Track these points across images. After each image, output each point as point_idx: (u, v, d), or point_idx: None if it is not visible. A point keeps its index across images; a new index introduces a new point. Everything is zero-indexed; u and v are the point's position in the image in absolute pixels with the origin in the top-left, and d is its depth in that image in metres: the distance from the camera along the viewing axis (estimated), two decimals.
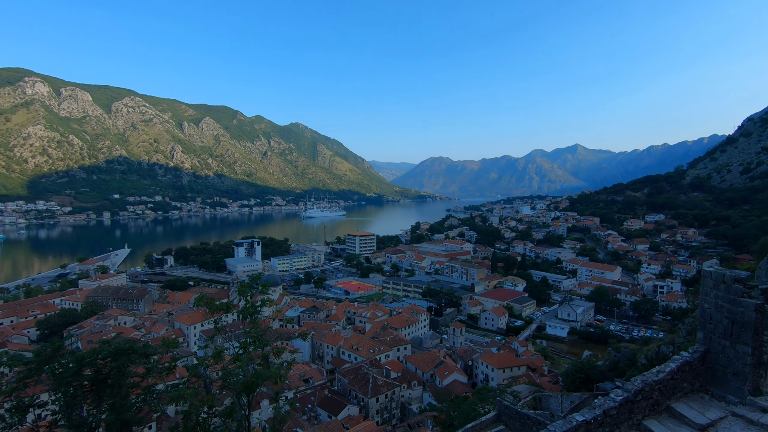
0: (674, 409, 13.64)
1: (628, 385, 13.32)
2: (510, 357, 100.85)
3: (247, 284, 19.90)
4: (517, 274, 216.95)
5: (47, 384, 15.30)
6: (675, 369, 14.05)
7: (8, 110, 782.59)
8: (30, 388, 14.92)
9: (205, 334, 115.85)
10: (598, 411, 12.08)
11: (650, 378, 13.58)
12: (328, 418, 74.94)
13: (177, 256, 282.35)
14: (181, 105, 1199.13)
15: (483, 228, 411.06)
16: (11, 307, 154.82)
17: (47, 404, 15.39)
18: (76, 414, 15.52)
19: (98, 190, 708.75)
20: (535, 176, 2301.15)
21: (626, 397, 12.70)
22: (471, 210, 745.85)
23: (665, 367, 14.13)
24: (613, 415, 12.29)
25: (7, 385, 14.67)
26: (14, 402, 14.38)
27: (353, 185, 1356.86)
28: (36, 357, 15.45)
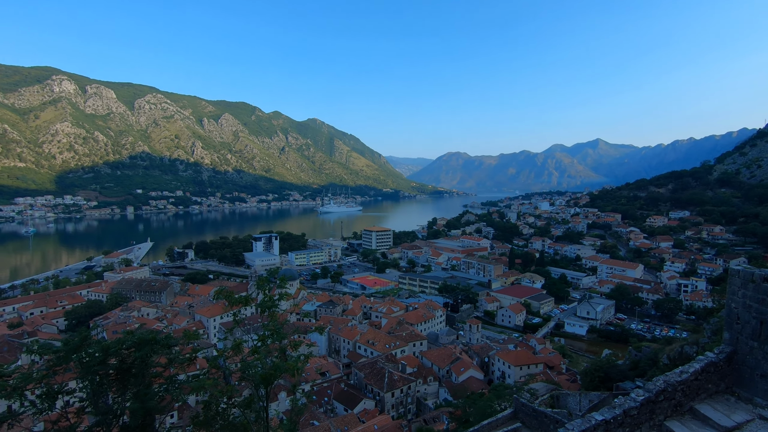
0: (698, 411, 13.29)
1: (649, 385, 13.02)
2: (527, 354, 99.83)
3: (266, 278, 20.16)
4: (535, 271, 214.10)
5: (75, 372, 15.84)
6: (699, 369, 13.67)
7: (37, 108, 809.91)
8: (59, 376, 15.47)
9: (225, 326, 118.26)
10: (618, 410, 11.85)
11: (673, 378, 13.25)
12: (345, 412, 75.68)
13: (197, 250, 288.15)
14: (201, 101, 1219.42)
15: (500, 224, 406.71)
16: (41, 297, 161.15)
17: (75, 391, 15.95)
18: (102, 401, 16.06)
19: (122, 185, 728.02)
20: (554, 172, 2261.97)
21: (647, 397, 12.42)
22: (488, 206, 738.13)
23: (689, 368, 13.76)
24: (633, 415, 12.04)
25: (38, 372, 15.24)
26: (44, 389, 14.94)
27: (370, 181, 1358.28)
28: (64, 346, 16.01)
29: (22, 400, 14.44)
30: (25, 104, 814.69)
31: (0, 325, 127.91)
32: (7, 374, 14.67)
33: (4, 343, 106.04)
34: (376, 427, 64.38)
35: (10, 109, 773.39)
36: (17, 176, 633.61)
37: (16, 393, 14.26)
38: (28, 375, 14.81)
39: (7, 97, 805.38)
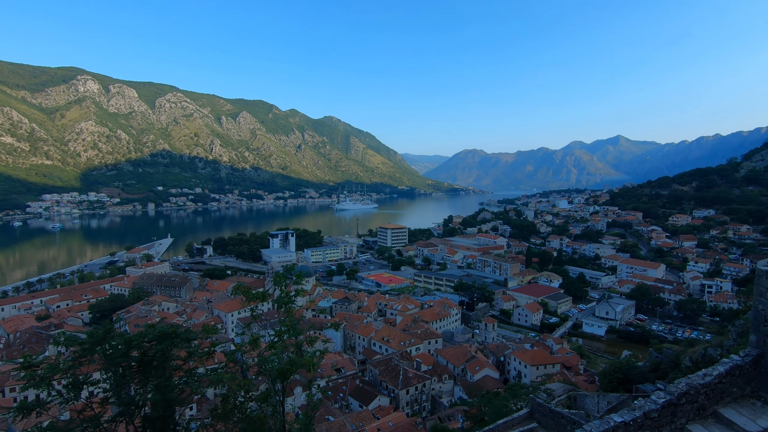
0: (722, 415, 12.93)
1: (671, 388, 12.72)
2: (544, 354, 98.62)
3: (282, 274, 20.40)
4: (553, 270, 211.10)
5: (99, 364, 16.32)
6: (724, 372, 13.29)
7: (63, 107, 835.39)
8: (84, 367, 15.96)
9: (242, 321, 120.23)
10: (638, 413, 11.61)
11: (696, 381, 12.91)
12: (359, 408, 76.16)
13: (216, 246, 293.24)
14: (219, 100, 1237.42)
15: (517, 222, 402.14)
16: (67, 291, 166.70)
17: (99, 382, 16.44)
18: (124, 393, 16.51)
19: (143, 182, 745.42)
20: (573, 169, 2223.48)
21: (669, 400, 12.14)
22: (505, 204, 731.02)
23: (713, 371, 13.39)
24: (654, 418, 11.78)
25: (64, 363, 15.75)
26: (70, 379, 15.44)
27: (385, 178, 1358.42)
28: (89, 338, 16.50)
29: (49, 389, 14.95)
30: (51, 104, 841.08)
31: (29, 317, 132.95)
32: (36, 364, 15.19)
33: (33, 335, 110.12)
34: (390, 424, 64.60)
35: (37, 108, 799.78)
36: (44, 173, 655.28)
37: (44, 382, 14.77)
38: (55, 365, 15.31)
39: (35, 96, 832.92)
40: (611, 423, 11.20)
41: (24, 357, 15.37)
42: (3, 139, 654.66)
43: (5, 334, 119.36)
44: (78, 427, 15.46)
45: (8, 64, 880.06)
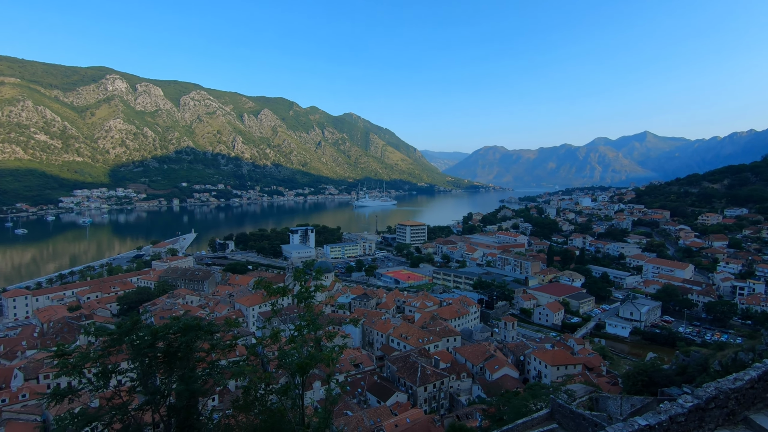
0: (753, 421, 12.45)
1: (699, 392, 12.31)
2: (565, 354, 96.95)
3: (302, 270, 20.63)
4: (575, 269, 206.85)
5: (127, 354, 16.92)
6: (756, 377, 12.78)
7: (93, 105, 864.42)
8: (113, 357, 16.57)
9: (263, 315, 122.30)
10: (664, 416, 11.28)
11: (726, 385, 12.46)
12: (377, 403, 76.53)
13: (237, 242, 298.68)
14: (241, 97, 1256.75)
15: (539, 220, 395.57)
16: (96, 283, 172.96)
17: (127, 372, 17.04)
18: (150, 382, 17.07)
19: (168, 178, 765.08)
20: (597, 166, 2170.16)
21: (697, 404, 11.75)
22: (526, 201, 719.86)
23: (744, 375, 12.89)
24: (680, 422, 11.42)
25: (94, 352, 16.38)
26: (100, 368, 16.06)
27: (404, 175, 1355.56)
28: (118, 329, 17.10)
29: (80, 377, 15.58)
30: (82, 102, 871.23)
31: (61, 308, 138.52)
32: (68, 353, 15.84)
33: (65, 325, 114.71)
34: (408, 420, 64.73)
35: (69, 107, 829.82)
36: (76, 170, 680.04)
37: (75, 370, 15.40)
38: (86, 354, 15.93)
39: (66, 96, 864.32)
40: (635, 426, 10.91)
41: (57, 346, 16.04)
42: (37, 136, 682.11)
43: (39, 323, 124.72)
44: (107, 414, 16.06)
45: (42, 65, 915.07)
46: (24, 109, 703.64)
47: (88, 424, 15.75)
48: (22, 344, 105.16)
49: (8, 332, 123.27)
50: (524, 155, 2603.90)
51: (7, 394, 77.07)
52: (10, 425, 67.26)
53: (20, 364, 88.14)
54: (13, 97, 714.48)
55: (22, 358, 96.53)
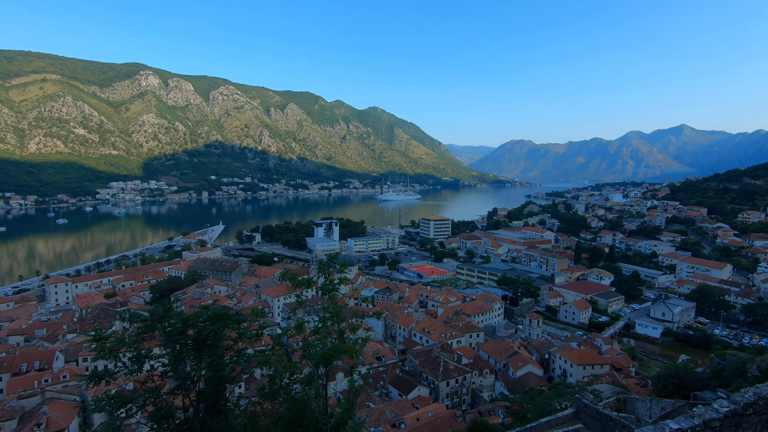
0: None
1: (735, 397, 11.79)
2: (592, 354, 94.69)
3: (326, 263, 20.88)
4: (604, 267, 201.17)
5: (159, 340, 17.60)
6: None
7: (128, 101, 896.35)
8: (146, 342, 17.28)
9: (288, 306, 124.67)
10: (697, 420, 10.86)
11: (765, 391, 11.89)
12: (399, 396, 77.00)
13: (263, 234, 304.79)
14: (268, 92, 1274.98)
15: (566, 216, 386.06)
16: (131, 272, 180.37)
17: (159, 357, 17.73)
18: (181, 368, 17.70)
19: (198, 171, 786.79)
20: (629, 161, 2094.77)
21: (733, 410, 11.26)
22: (554, 196, 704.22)
23: None
24: (715, 427, 10.97)
25: (129, 338, 17.13)
26: (134, 353, 16.78)
27: (429, 169, 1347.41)
28: (151, 316, 17.81)
29: (116, 361, 16.34)
30: (118, 97, 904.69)
31: (98, 295, 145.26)
32: (105, 338, 16.61)
33: (102, 311, 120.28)
34: (430, 415, 64.87)
35: (106, 102, 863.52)
36: (111, 163, 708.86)
37: (112, 354, 16.17)
38: (122, 339, 16.68)
39: (103, 91, 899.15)
40: (666, 429, 10.56)
41: (95, 331, 16.85)
42: (77, 131, 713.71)
43: (78, 309, 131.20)
44: (141, 397, 16.80)
45: (81, 62, 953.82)
46: (64, 105, 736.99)
47: (124, 406, 16.53)
48: (63, 328, 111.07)
49: (50, 316, 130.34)
50: (552, 149, 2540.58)
51: (49, 375, 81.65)
52: (53, 404, 71.35)
53: (61, 347, 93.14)
54: (54, 93, 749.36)
55: (63, 341, 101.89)
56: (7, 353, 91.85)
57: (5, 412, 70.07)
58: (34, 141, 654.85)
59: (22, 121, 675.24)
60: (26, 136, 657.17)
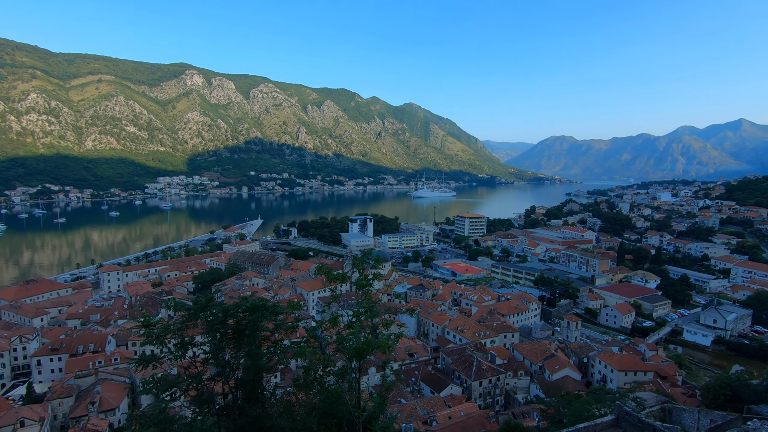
0: None
1: None
2: (634, 360, 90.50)
3: (361, 258, 21.08)
4: (649, 269, 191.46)
5: (201, 328, 18.44)
6: None
7: (174, 99, 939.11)
8: (189, 330, 18.15)
9: (322, 300, 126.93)
10: None
11: None
12: (431, 394, 76.81)
13: (300, 229, 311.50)
14: (305, 89, 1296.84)
15: (609, 215, 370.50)
16: (175, 263, 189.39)
17: (201, 345, 18.59)
18: (221, 356, 18.48)
19: (238, 167, 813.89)
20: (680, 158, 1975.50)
21: None
22: (596, 195, 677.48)
23: None
24: None
25: (174, 325, 18.04)
26: (178, 340, 17.67)
27: (464, 166, 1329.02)
28: (194, 305, 18.67)
29: (162, 346, 17.28)
30: (165, 96, 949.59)
31: (146, 284, 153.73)
32: (152, 324, 17.60)
33: (149, 299, 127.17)
34: (462, 414, 64.33)
35: (154, 101, 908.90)
36: (159, 159, 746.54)
37: (158, 340, 17.11)
38: (167, 326, 17.61)
39: (152, 90, 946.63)
40: None
41: (144, 317, 17.89)
42: (128, 128, 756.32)
43: (128, 296, 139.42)
44: (184, 382, 17.70)
45: (132, 63, 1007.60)
46: (117, 104, 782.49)
47: (169, 389, 17.48)
48: (114, 314, 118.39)
49: (104, 303, 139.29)
50: (595, 146, 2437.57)
51: (102, 357, 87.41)
52: (105, 384, 76.37)
53: (113, 332, 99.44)
54: (108, 93, 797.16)
55: (114, 326, 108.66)
56: (66, 335, 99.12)
57: (64, 390, 75.74)
58: (91, 138, 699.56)
59: (80, 119, 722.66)
60: (83, 134, 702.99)
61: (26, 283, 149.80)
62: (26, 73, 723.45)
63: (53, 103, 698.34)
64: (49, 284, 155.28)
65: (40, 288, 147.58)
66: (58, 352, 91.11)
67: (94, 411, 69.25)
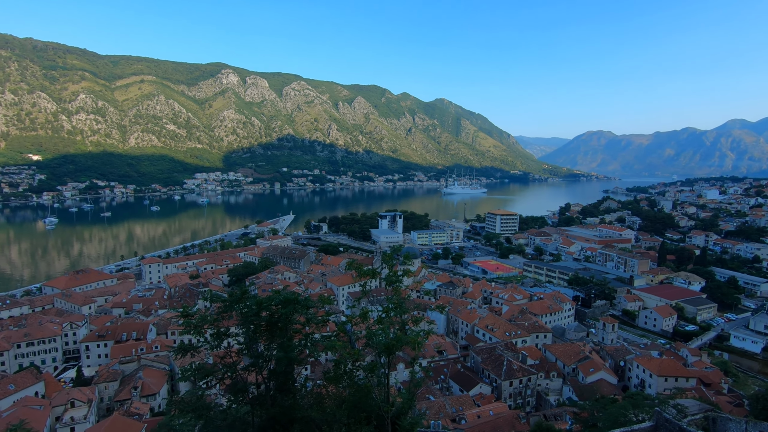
0: None
1: None
2: (675, 365, 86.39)
3: (390, 254, 21.13)
4: (693, 271, 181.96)
5: (236, 320, 19.06)
6: None
7: (210, 98, 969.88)
8: (225, 321, 18.81)
9: (352, 295, 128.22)
10: None
11: None
12: (460, 392, 76.26)
13: (330, 224, 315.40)
14: (337, 86, 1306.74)
15: (650, 214, 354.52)
16: (211, 256, 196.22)
17: (235, 336, 19.23)
18: (254, 347, 19.04)
19: (271, 163, 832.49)
20: (729, 153, 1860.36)
21: None
22: (635, 192, 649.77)
23: None
24: None
25: (210, 316, 18.74)
26: (215, 330, 18.34)
27: (496, 162, 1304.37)
28: (229, 297, 19.32)
29: (200, 336, 17.98)
30: (202, 95, 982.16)
31: (184, 276, 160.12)
32: (191, 314, 18.35)
33: (187, 290, 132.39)
34: (491, 413, 63.56)
35: (192, 100, 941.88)
36: (196, 155, 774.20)
37: (196, 330, 17.81)
38: (205, 317, 18.32)
39: (190, 90, 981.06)
40: None
41: (183, 308, 18.68)
42: (168, 126, 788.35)
43: (168, 287, 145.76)
44: (220, 371, 18.37)
45: (172, 63, 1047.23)
46: (158, 103, 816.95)
47: (206, 377, 18.18)
48: (155, 304, 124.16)
49: (145, 293, 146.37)
50: (635, 141, 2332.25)
51: (144, 344, 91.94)
52: (147, 370, 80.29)
53: (154, 321, 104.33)
54: (150, 92, 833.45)
55: (155, 315, 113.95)
56: (111, 323, 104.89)
57: (110, 374, 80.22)
58: (134, 136, 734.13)
59: (124, 118, 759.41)
60: (127, 132, 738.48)
61: (76, 273, 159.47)
62: (76, 75, 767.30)
63: (100, 103, 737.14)
64: (96, 274, 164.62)
65: (89, 278, 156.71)
66: (105, 339, 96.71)
67: (136, 395, 73.07)
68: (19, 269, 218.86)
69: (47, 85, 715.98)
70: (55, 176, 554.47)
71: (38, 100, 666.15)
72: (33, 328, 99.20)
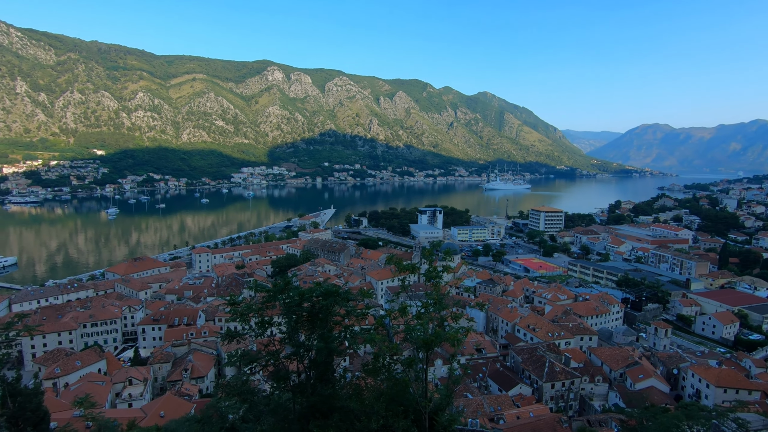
0: None
1: None
2: (737, 375, 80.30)
3: (430, 250, 20.99)
4: (760, 275, 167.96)
5: (279, 309, 19.68)
6: None
7: (257, 94, 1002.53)
8: (269, 310, 19.47)
9: (391, 290, 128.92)
10: None
11: None
12: (499, 392, 74.93)
13: (370, 219, 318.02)
14: (378, 81, 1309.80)
15: (711, 213, 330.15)
16: (256, 248, 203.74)
17: (278, 325, 19.88)
18: (296, 337, 19.59)
19: (313, 158, 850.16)
20: None
21: None
22: (694, 189, 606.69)
23: None
24: None
25: (255, 305, 19.47)
26: (259, 318, 19.05)
27: (541, 157, 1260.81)
28: (273, 287, 19.96)
29: (245, 323, 18.75)
30: (249, 92, 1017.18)
31: (230, 266, 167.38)
32: (237, 303, 19.15)
33: (233, 279, 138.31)
34: (531, 414, 61.97)
35: (240, 96, 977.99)
36: (243, 150, 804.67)
37: (242, 318, 18.59)
38: (250, 306, 19.05)
39: (238, 87, 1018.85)
40: None
41: (230, 296, 19.53)
42: (217, 122, 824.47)
43: (216, 276, 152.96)
44: (263, 358, 19.07)
45: (221, 62, 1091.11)
46: (208, 100, 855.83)
47: (250, 363, 18.96)
48: (204, 291, 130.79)
49: (195, 281, 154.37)
50: (695, 134, 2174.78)
51: (194, 330, 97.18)
52: (196, 354, 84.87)
53: (203, 307, 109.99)
54: (201, 90, 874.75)
55: (204, 302, 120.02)
56: (165, 308, 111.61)
57: (163, 356, 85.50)
58: (186, 132, 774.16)
59: (177, 115, 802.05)
60: (180, 128, 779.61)
61: (134, 261, 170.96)
62: (135, 75, 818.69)
63: (156, 100, 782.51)
64: (152, 262, 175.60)
65: (145, 265, 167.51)
66: (159, 323, 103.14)
67: (187, 377, 77.54)
68: (85, 255, 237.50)
69: (110, 84, 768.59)
70: (116, 170, 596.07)
71: (102, 98, 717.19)
72: (97, 310, 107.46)
